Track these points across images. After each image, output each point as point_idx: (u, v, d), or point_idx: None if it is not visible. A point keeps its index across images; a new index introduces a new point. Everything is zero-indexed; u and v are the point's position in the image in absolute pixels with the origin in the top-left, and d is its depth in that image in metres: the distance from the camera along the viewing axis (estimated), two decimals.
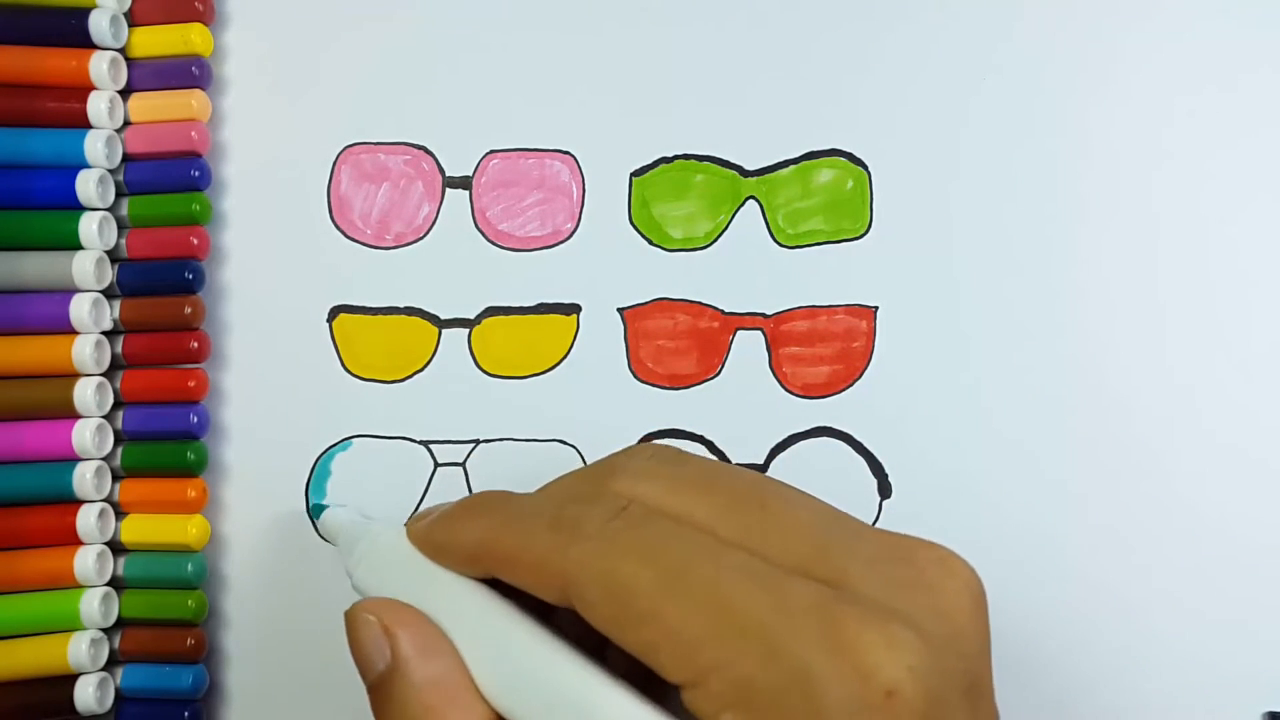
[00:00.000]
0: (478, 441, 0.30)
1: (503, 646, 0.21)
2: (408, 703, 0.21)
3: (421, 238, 0.31)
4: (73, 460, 0.29)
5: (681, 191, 0.30)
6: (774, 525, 0.20)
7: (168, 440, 0.30)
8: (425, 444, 0.30)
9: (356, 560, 0.24)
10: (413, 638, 0.21)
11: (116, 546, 0.29)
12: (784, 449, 0.30)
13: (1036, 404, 0.30)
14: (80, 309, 0.29)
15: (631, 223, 0.30)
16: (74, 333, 0.29)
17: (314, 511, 0.30)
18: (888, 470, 0.30)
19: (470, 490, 0.30)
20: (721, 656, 0.18)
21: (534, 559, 0.21)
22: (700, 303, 0.30)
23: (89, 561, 0.28)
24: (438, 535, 0.23)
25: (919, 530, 0.21)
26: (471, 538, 0.22)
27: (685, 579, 0.19)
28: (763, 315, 0.30)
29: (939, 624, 0.19)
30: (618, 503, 0.21)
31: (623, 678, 0.20)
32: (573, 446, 0.30)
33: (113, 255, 0.30)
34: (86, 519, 0.29)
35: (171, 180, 0.30)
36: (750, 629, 0.18)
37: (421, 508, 0.30)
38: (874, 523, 0.30)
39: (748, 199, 0.30)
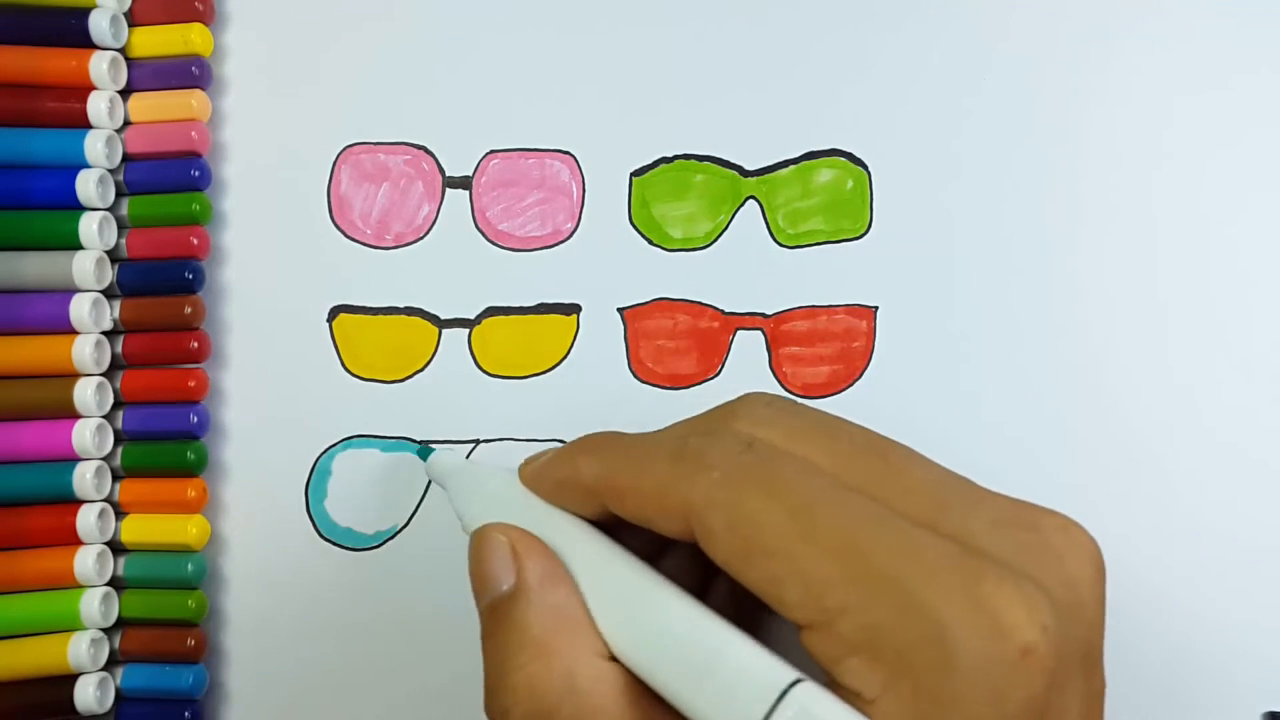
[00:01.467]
0: (478, 441, 0.30)
1: (620, 585, 0.21)
2: (528, 626, 0.20)
3: (421, 238, 0.31)
4: (73, 460, 0.29)
5: (681, 191, 0.30)
6: (896, 478, 0.20)
7: (168, 440, 0.30)
8: (425, 444, 0.30)
9: (467, 500, 0.24)
10: (537, 564, 0.21)
11: (116, 546, 0.29)
12: None
13: (1036, 404, 0.30)
14: (80, 309, 0.29)
15: (631, 223, 0.30)
16: (74, 333, 0.29)
17: (420, 453, 0.29)
18: None
19: None
20: (852, 600, 0.18)
21: (655, 488, 0.20)
22: (700, 303, 0.30)
23: (89, 561, 0.29)
24: (554, 472, 0.22)
25: None
26: (589, 471, 0.22)
27: (816, 518, 0.18)
28: (763, 315, 0.30)
29: (1064, 591, 0.19)
30: (742, 439, 0.20)
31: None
32: None
33: (113, 255, 0.30)
34: (86, 519, 0.29)
35: (171, 180, 0.30)
36: (885, 575, 0.18)
37: (421, 508, 0.30)
38: None
39: (748, 199, 0.30)
